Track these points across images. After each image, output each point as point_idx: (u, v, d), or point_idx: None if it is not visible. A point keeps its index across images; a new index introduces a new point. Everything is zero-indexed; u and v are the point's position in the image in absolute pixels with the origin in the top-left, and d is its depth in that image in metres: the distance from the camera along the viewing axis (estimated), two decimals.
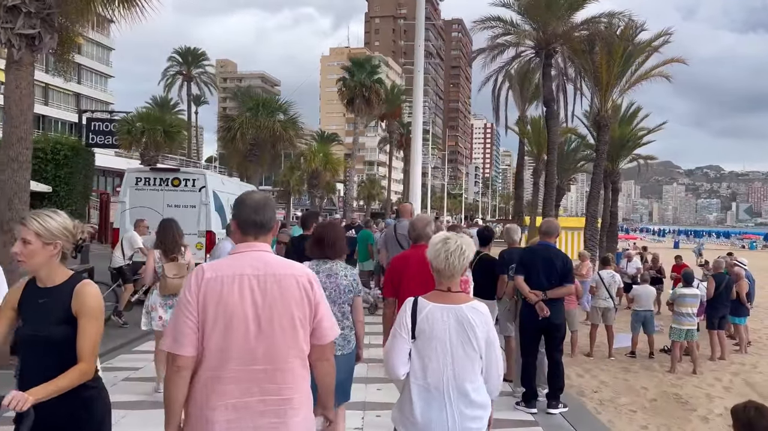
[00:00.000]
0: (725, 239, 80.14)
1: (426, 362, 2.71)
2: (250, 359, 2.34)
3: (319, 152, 31.37)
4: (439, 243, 2.85)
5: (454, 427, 2.68)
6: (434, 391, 2.70)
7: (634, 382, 9.46)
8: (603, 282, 11.21)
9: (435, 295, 2.82)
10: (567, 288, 5.58)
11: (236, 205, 2.56)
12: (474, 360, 2.73)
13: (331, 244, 4.01)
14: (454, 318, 2.73)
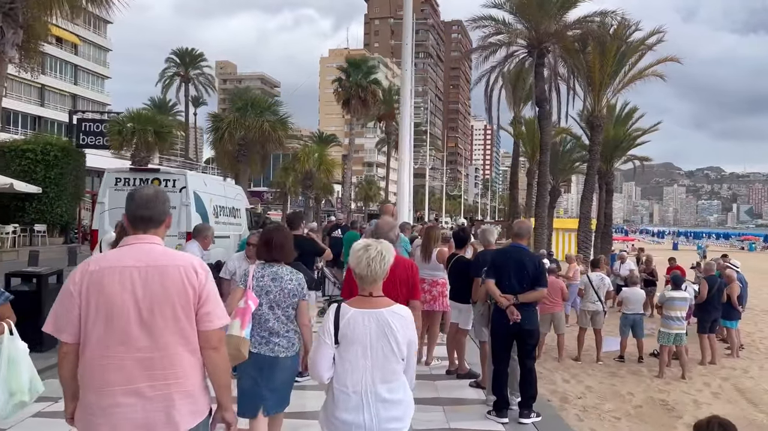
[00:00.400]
0: (725, 240, 79.85)
1: (347, 366, 2.79)
2: (135, 347, 2.44)
3: (313, 152, 31.16)
4: (360, 250, 2.93)
5: (375, 428, 2.76)
6: (353, 394, 2.78)
7: (620, 387, 9.22)
8: (592, 285, 10.97)
9: (357, 301, 2.91)
10: (539, 292, 5.35)
11: (127, 200, 2.63)
12: (394, 362, 2.81)
13: (278, 247, 4.07)
14: (375, 323, 2.80)
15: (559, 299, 10.89)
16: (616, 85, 19.04)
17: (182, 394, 2.48)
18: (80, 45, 56.15)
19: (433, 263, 7.25)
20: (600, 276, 11.07)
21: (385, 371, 2.79)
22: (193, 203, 11.54)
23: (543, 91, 18.70)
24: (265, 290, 3.99)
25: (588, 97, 18.97)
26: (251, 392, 3.99)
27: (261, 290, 3.99)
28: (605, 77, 18.41)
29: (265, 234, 4.32)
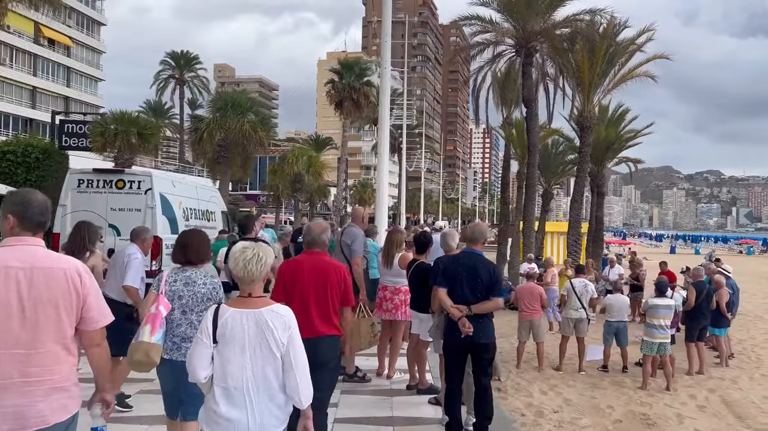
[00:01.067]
0: (723, 244, 79.35)
1: (226, 364, 2.86)
2: (13, 343, 2.57)
3: (302, 155, 30.65)
4: (237, 252, 2.97)
5: (254, 425, 2.83)
6: (235, 391, 2.85)
7: (601, 400, 8.74)
8: (575, 291, 10.49)
9: (236, 301, 2.98)
10: (494, 303, 4.87)
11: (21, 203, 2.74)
12: (274, 360, 2.86)
13: (194, 250, 4.07)
14: (254, 322, 2.86)
15: (537, 305, 10.43)
16: (606, 85, 18.58)
17: (56, 389, 2.63)
18: (73, 47, 55.78)
19: (395, 269, 6.79)
20: (583, 282, 10.60)
21: (266, 369, 2.86)
22: (160, 205, 11.06)
23: (531, 91, 18.24)
24: (177, 295, 3.96)
25: (577, 98, 18.51)
26: (171, 395, 4.05)
27: (173, 294, 3.96)
28: (595, 77, 17.94)
29: (181, 237, 4.27)
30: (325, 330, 4.15)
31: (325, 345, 4.12)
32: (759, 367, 11.14)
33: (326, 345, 4.13)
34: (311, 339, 3.91)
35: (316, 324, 4.11)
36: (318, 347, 3.99)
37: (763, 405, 8.68)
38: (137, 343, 3.80)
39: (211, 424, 2.89)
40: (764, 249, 67.65)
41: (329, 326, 4.18)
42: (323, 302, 4.18)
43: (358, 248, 6.71)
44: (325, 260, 4.36)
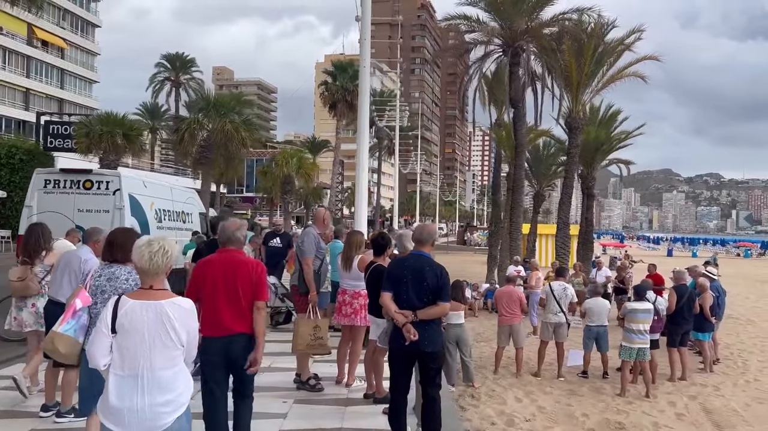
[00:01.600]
0: (721, 246, 79.03)
1: (124, 353, 2.99)
2: None
3: (292, 156, 30.36)
4: (143, 246, 3.09)
5: (144, 411, 2.94)
6: (130, 379, 2.97)
7: (576, 407, 8.45)
8: (553, 295, 10.19)
9: (138, 293, 3.12)
10: (441, 308, 4.58)
11: None
12: (172, 349, 3.02)
13: (120, 247, 4.19)
14: (153, 313, 3.01)
15: (517, 310, 10.15)
16: (594, 85, 18.30)
17: None
18: (67, 49, 55.58)
19: (355, 272, 6.50)
20: (563, 286, 10.29)
21: (163, 357, 2.99)
22: (128, 206, 10.79)
23: (517, 91, 17.94)
24: (100, 290, 4.16)
25: (566, 98, 18.24)
26: (87, 389, 4.20)
27: (96, 289, 4.18)
28: (583, 77, 17.66)
29: (109, 235, 4.50)
30: (237, 328, 4.17)
31: (237, 343, 4.17)
32: (744, 373, 10.84)
33: (237, 344, 4.17)
34: (223, 337, 4.12)
35: (227, 323, 4.16)
36: (230, 345, 4.15)
37: (745, 413, 8.38)
38: (51, 332, 4.05)
39: (105, 412, 2.98)
40: (761, 252, 67.30)
41: (241, 324, 4.18)
42: (234, 300, 4.17)
43: (307, 248, 6.43)
44: (237, 258, 4.33)
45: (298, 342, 6.20)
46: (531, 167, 27.03)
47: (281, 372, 7.11)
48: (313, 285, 6.38)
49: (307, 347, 6.26)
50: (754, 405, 8.77)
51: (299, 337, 6.19)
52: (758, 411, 8.48)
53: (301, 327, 6.21)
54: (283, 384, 6.69)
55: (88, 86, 59.75)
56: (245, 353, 4.16)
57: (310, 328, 6.22)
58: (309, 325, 6.24)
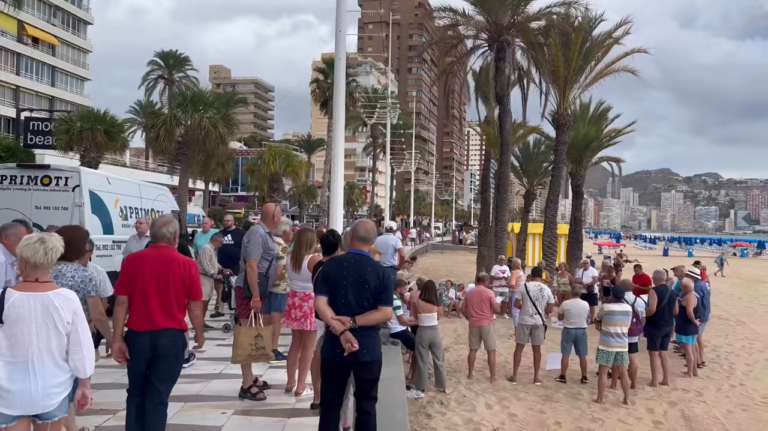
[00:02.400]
0: (718, 246, 78.65)
1: (13, 341, 3.21)
2: None
3: (279, 154, 29.91)
4: (37, 242, 3.29)
5: (37, 392, 3.21)
6: (21, 365, 3.20)
7: (549, 415, 8.03)
8: (529, 296, 9.78)
9: (24, 285, 3.31)
10: (382, 312, 4.13)
11: None
12: (59, 337, 3.28)
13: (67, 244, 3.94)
14: (41, 303, 3.25)
15: (487, 311, 9.72)
16: (582, 81, 17.86)
17: None
18: (58, 46, 55.03)
19: (305, 273, 6.06)
20: (539, 286, 9.87)
21: (51, 343, 3.25)
22: (89, 203, 10.36)
23: (503, 87, 17.48)
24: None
25: (553, 94, 17.81)
26: None
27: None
28: (570, 72, 17.22)
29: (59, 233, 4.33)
30: (166, 324, 4.18)
31: (165, 338, 4.17)
32: (729, 377, 10.43)
33: (166, 338, 4.17)
34: (151, 332, 4.14)
35: (156, 318, 4.16)
36: (158, 339, 4.14)
37: (726, 421, 7.98)
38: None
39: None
40: (758, 252, 66.94)
41: (170, 319, 4.21)
42: (165, 296, 4.20)
43: (253, 248, 5.98)
44: (168, 254, 4.33)
45: (237, 353, 5.77)
46: (522, 165, 26.60)
47: (233, 379, 6.68)
48: (257, 289, 5.94)
49: (247, 357, 5.83)
50: (736, 412, 8.36)
51: (239, 347, 5.75)
52: (740, 419, 8.07)
53: (241, 335, 5.78)
54: (231, 392, 6.25)
55: (80, 84, 59.16)
56: (172, 347, 4.19)
57: (251, 337, 5.79)
58: (250, 333, 5.81)
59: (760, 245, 74.27)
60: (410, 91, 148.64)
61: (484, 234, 24.22)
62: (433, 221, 79.65)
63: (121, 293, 4.23)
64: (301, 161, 36.13)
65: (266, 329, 6.03)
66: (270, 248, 6.17)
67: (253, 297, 5.95)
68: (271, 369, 7.10)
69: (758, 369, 11.00)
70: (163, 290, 4.16)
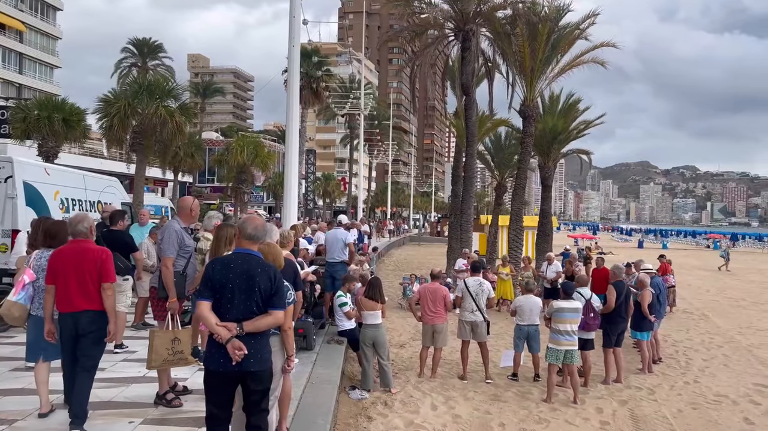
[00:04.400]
0: (692, 238, 79.62)
1: None
2: None
3: (247, 144, 29.23)
4: None
5: None
6: None
7: (495, 416, 7.76)
8: (469, 292, 9.49)
9: None
10: (273, 317, 3.79)
11: None
12: None
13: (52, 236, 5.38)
14: None
15: (441, 309, 9.42)
16: (549, 72, 17.61)
17: None
18: (25, 32, 53.57)
19: None
20: (478, 281, 9.57)
21: None
22: (22, 195, 9.86)
23: (468, 77, 17.15)
24: (42, 268, 5.17)
25: (520, 86, 17.52)
26: (34, 343, 5.25)
27: (39, 268, 5.23)
28: (537, 63, 16.95)
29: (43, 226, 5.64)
30: (84, 305, 4.86)
31: (85, 318, 4.85)
32: (685, 374, 10.27)
33: (86, 318, 4.85)
34: (73, 313, 4.84)
35: (75, 301, 4.85)
36: (78, 320, 4.85)
37: (675, 421, 7.78)
38: (5, 301, 5.27)
39: None
40: (731, 244, 67.78)
41: (89, 301, 4.88)
42: (82, 282, 4.87)
43: (167, 246, 5.59)
44: (84, 246, 5.01)
45: (152, 358, 5.39)
46: (493, 158, 26.36)
47: (155, 383, 6.29)
48: (173, 290, 5.55)
49: (164, 362, 5.46)
50: (687, 411, 8.18)
51: (154, 352, 5.38)
52: (689, 418, 7.88)
53: (156, 339, 5.40)
54: (148, 398, 5.88)
55: (49, 71, 57.74)
56: (91, 326, 4.86)
57: (168, 341, 5.42)
58: (166, 337, 5.43)
59: (734, 237, 75.28)
60: (391, 82, 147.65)
61: (454, 227, 23.96)
62: (411, 212, 79.39)
63: (48, 284, 4.92)
64: (273, 152, 35.47)
65: (184, 332, 5.66)
66: (186, 244, 5.77)
67: (170, 298, 5.57)
68: (199, 371, 6.72)
69: (714, 365, 10.88)
70: (80, 278, 4.85)
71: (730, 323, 15.81)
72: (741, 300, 20.73)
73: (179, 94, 20.67)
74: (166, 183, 50.21)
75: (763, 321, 16.24)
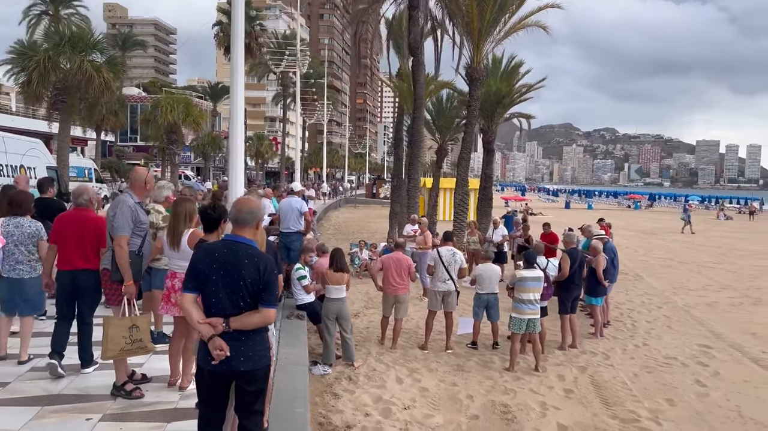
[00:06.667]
0: (614, 198, 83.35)
1: None
2: None
3: (177, 103, 27.56)
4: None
5: None
6: None
7: (461, 388, 7.69)
8: (442, 261, 9.34)
9: None
10: (262, 315, 3.36)
11: None
12: None
13: (18, 205, 6.00)
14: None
15: (406, 280, 9.22)
16: (496, 34, 17.39)
17: None
18: None
19: (185, 250, 5.15)
20: (451, 251, 9.44)
21: None
22: None
23: (416, 38, 16.71)
24: (10, 234, 5.85)
25: (467, 47, 17.23)
26: (9, 300, 5.93)
27: (7, 234, 5.86)
28: (485, 24, 16.68)
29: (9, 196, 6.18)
30: (81, 265, 5.41)
31: (82, 276, 5.41)
32: (633, 336, 10.61)
33: (83, 276, 5.41)
34: (71, 271, 5.41)
35: (74, 261, 5.40)
36: (76, 277, 5.41)
37: (633, 385, 7.98)
38: None
39: None
40: (650, 204, 71.56)
41: (85, 262, 5.42)
42: (81, 245, 5.42)
43: (120, 223, 5.00)
44: (85, 215, 5.57)
45: (108, 347, 4.86)
46: (434, 121, 26.16)
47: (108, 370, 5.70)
48: (129, 272, 4.99)
49: (121, 352, 4.94)
50: (642, 375, 8.42)
51: (110, 340, 4.84)
52: (645, 382, 8.11)
53: (112, 327, 4.86)
54: (104, 389, 5.31)
55: None
56: (88, 282, 5.44)
57: (125, 328, 4.89)
58: (123, 324, 4.90)
59: (651, 197, 79.47)
60: (322, 38, 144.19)
61: (396, 190, 23.74)
62: (346, 174, 78.74)
63: (52, 242, 5.56)
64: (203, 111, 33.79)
65: (143, 318, 5.13)
66: (142, 221, 5.19)
67: (125, 281, 5.01)
68: (155, 355, 6.20)
69: (659, 327, 11.30)
70: (79, 241, 5.40)
71: (664, 283, 16.55)
72: (669, 260, 21.79)
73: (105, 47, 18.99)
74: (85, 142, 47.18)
75: (692, 281, 17.11)
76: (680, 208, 66.99)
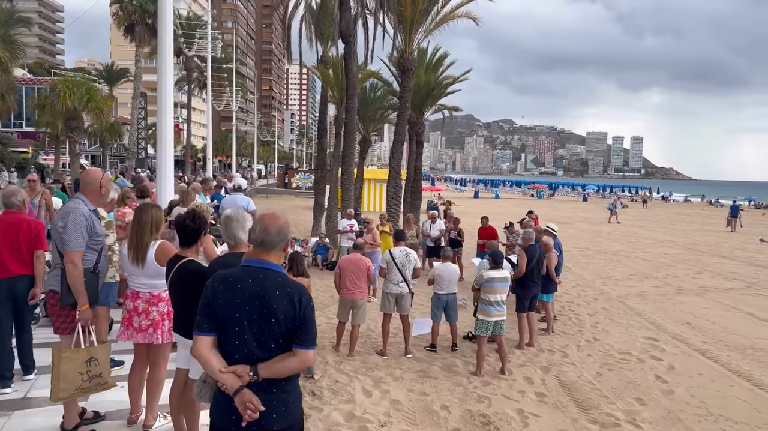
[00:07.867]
0: (518, 188, 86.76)
1: None
2: None
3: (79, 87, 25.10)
4: None
5: None
6: None
7: (434, 398, 7.29)
8: (395, 262, 8.88)
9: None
10: (299, 359, 2.64)
11: None
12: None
13: None
14: None
15: (364, 284, 8.68)
16: (428, 24, 17.09)
17: None
18: None
19: (151, 266, 4.35)
20: (404, 251, 8.99)
21: None
22: None
23: (348, 25, 16.04)
24: None
25: (399, 37, 16.81)
26: None
27: None
28: (417, 14, 16.34)
29: None
30: (18, 271, 5.17)
31: (21, 282, 5.18)
32: (581, 331, 10.69)
33: (21, 282, 5.18)
34: (9, 279, 5.17)
35: (10, 267, 5.13)
36: (15, 285, 5.18)
37: (600, 385, 7.93)
38: None
39: None
40: (551, 193, 75.10)
41: (23, 267, 5.17)
42: (17, 251, 5.14)
43: (74, 235, 4.07)
44: (18, 218, 5.23)
45: (60, 387, 3.96)
46: (358, 111, 25.55)
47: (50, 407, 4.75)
48: (84, 294, 4.10)
49: (77, 391, 4.06)
50: (604, 373, 8.41)
51: (62, 379, 3.95)
52: (611, 381, 8.09)
53: (65, 362, 3.96)
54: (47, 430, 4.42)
55: None
56: (28, 289, 5.20)
57: (81, 363, 4.01)
58: (78, 358, 4.02)
59: (551, 186, 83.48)
60: (225, 22, 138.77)
61: (320, 182, 23.05)
62: (255, 163, 76.41)
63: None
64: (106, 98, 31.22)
65: (101, 348, 4.26)
66: (98, 232, 4.28)
67: (79, 305, 4.11)
68: None
69: (603, 321, 11.48)
70: (14, 246, 5.11)
71: (591, 273, 17.06)
72: (585, 249, 22.62)
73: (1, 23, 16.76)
74: None
75: (615, 271, 17.78)
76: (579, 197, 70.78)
